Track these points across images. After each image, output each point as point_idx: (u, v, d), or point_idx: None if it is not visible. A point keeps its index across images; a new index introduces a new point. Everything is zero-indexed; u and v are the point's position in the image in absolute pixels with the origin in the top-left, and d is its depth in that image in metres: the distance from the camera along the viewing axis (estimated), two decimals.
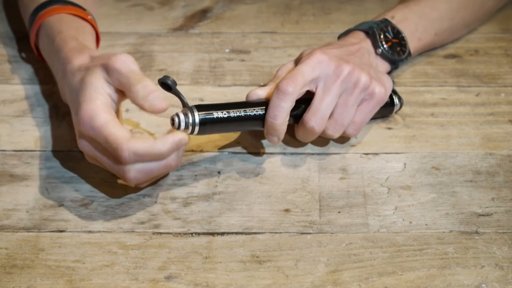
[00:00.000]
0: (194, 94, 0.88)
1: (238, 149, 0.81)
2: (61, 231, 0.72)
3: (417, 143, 0.82)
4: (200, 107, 0.73)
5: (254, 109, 0.76)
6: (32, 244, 0.71)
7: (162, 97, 0.70)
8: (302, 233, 0.72)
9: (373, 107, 0.79)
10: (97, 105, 0.71)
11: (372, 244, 0.71)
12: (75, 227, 0.73)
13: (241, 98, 0.87)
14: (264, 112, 0.76)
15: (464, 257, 0.70)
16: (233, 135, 0.82)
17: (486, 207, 0.75)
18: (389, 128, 0.84)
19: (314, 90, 0.77)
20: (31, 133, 0.83)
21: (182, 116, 0.72)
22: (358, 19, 0.94)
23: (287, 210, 0.75)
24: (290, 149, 0.81)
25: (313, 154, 0.81)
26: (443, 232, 0.72)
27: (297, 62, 0.81)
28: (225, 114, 0.74)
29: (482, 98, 0.88)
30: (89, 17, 0.86)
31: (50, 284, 0.68)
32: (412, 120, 0.85)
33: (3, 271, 0.69)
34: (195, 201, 0.75)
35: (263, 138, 0.81)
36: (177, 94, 0.74)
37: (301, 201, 0.75)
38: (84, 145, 0.73)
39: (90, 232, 0.73)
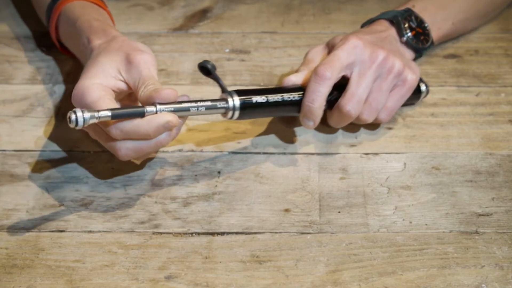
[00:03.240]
0: (194, 94, 0.88)
1: (238, 149, 0.81)
2: (61, 231, 0.72)
3: (417, 143, 0.82)
4: (239, 92, 0.75)
5: (291, 94, 0.77)
6: (32, 244, 0.71)
7: (170, 88, 0.70)
8: (302, 233, 0.72)
9: (405, 93, 0.80)
10: (94, 83, 0.71)
11: (372, 244, 0.71)
12: (75, 227, 0.73)
13: None
14: (301, 97, 0.77)
15: (464, 257, 0.70)
16: (233, 135, 0.82)
17: (486, 207, 0.75)
18: (389, 128, 0.84)
19: (349, 75, 0.78)
20: (31, 133, 0.83)
21: (79, 113, 0.66)
22: (358, 19, 0.94)
23: (287, 210, 0.75)
24: (290, 149, 0.81)
25: (313, 154, 0.81)
26: (443, 232, 0.72)
27: (329, 46, 0.83)
28: (264, 99, 0.76)
29: (482, 98, 0.88)
30: (108, 9, 0.87)
31: (50, 284, 0.68)
32: (412, 120, 0.85)
33: (3, 271, 0.69)
34: (195, 201, 0.75)
35: (295, 124, 0.83)
36: (216, 79, 0.75)
37: (301, 201, 0.75)
38: None
39: (90, 232, 0.73)
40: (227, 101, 0.74)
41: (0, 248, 0.71)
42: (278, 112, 0.79)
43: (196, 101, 0.72)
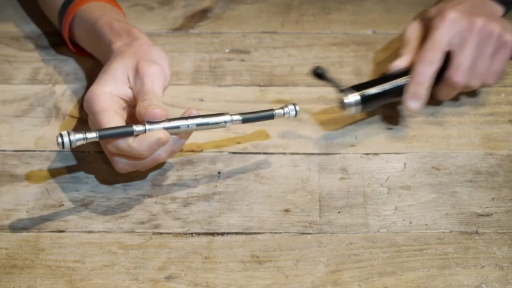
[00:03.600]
0: (194, 94, 0.88)
1: (238, 149, 0.81)
2: (61, 231, 0.72)
3: (417, 143, 0.82)
4: (356, 88, 0.80)
5: (401, 80, 0.81)
6: (32, 244, 0.71)
7: (160, 107, 0.71)
8: (302, 233, 0.72)
9: (507, 55, 0.83)
10: (103, 91, 0.72)
11: (372, 244, 0.71)
12: (75, 227, 0.73)
13: (241, 98, 0.87)
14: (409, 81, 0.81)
15: (464, 257, 0.70)
16: (232, 135, 0.82)
17: (486, 207, 0.75)
18: (389, 128, 0.84)
19: (452, 48, 0.81)
20: (31, 133, 0.83)
21: (66, 137, 0.68)
22: (358, 19, 0.94)
23: (287, 210, 0.75)
24: (290, 149, 0.81)
25: (313, 154, 0.81)
26: (443, 232, 0.72)
27: (425, 20, 0.85)
28: (380, 89, 0.81)
29: (482, 98, 0.88)
30: (122, 9, 0.88)
31: (50, 284, 0.68)
32: (412, 120, 0.85)
33: (3, 271, 0.69)
34: (195, 201, 0.75)
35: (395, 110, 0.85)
36: (330, 81, 0.81)
37: (301, 201, 0.75)
38: (88, 121, 0.75)
39: (90, 232, 0.72)
40: (219, 118, 0.73)
41: (0, 248, 0.71)
42: (390, 99, 0.82)
43: (187, 118, 0.72)
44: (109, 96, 0.72)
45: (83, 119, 0.84)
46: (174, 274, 0.69)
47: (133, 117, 0.74)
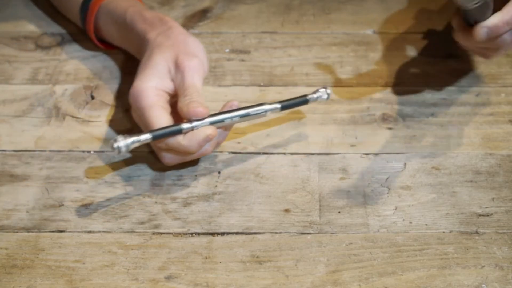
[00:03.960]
0: None
1: (238, 149, 0.81)
2: (61, 231, 0.72)
3: (417, 143, 0.82)
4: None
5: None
6: (32, 244, 0.71)
7: (202, 105, 0.73)
8: (302, 233, 0.72)
9: None
10: (149, 86, 0.75)
11: (372, 244, 0.71)
12: (75, 227, 0.73)
13: (242, 98, 0.87)
14: None
15: (464, 257, 0.70)
16: (232, 135, 0.82)
17: (486, 207, 0.75)
18: (389, 128, 0.84)
19: None
20: (31, 133, 0.83)
21: (121, 141, 0.69)
22: (358, 19, 0.94)
23: (287, 210, 0.75)
24: (290, 149, 0.81)
25: (313, 154, 0.81)
26: (443, 232, 0.72)
27: None
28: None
29: (482, 98, 0.88)
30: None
31: (50, 284, 0.68)
32: (412, 120, 0.85)
33: (3, 271, 0.69)
34: (195, 201, 0.75)
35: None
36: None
37: (301, 201, 0.75)
38: (133, 115, 0.78)
39: (90, 232, 0.72)
40: (260, 108, 0.76)
41: (0, 248, 0.71)
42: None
43: (230, 112, 0.75)
44: (155, 90, 0.75)
45: (83, 119, 0.84)
46: (174, 274, 0.69)
47: (174, 108, 0.76)
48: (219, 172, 0.78)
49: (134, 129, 0.82)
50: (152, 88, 0.75)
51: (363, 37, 0.96)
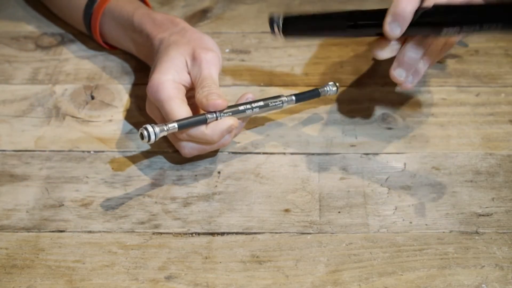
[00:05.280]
0: None
1: (238, 149, 0.81)
2: (61, 231, 0.72)
3: (417, 143, 0.82)
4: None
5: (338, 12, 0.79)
6: (32, 244, 0.71)
7: (221, 96, 0.74)
8: (302, 233, 0.72)
9: None
10: (167, 79, 0.75)
11: (372, 244, 0.71)
12: (75, 227, 0.73)
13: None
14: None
15: (464, 257, 0.70)
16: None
17: (486, 207, 0.75)
18: (389, 128, 0.84)
19: None
20: (31, 133, 0.83)
21: (150, 128, 0.71)
22: None
23: (287, 210, 0.75)
24: (290, 149, 0.81)
25: (313, 154, 0.81)
26: (443, 232, 0.72)
27: None
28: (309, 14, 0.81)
29: (482, 98, 0.88)
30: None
31: (50, 284, 0.68)
32: (412, 120, 0.85)
33: (3, 271, 0.69)
34: (195, 201, 0.75)
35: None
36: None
37: (301, 201, 0.75)
38: (149, 108, 0.79)
39: (90, 232, 0.73)
40: (279, 99, 0.78)
41: (0, 248, 0.71)
42: (321, 31, 0.81)
43: (250, 103, 0.77)
44: (173, 83, 0.76)
45: (83, 119, 0.84)
46: (174, 274, 0.69)
47: (191, 101, 0.77)
48: (219, 172, 0.78)
49: (134, 129, 0.82)
50: (170, 81, 0.76)
51: (363, 37, 0.96)
